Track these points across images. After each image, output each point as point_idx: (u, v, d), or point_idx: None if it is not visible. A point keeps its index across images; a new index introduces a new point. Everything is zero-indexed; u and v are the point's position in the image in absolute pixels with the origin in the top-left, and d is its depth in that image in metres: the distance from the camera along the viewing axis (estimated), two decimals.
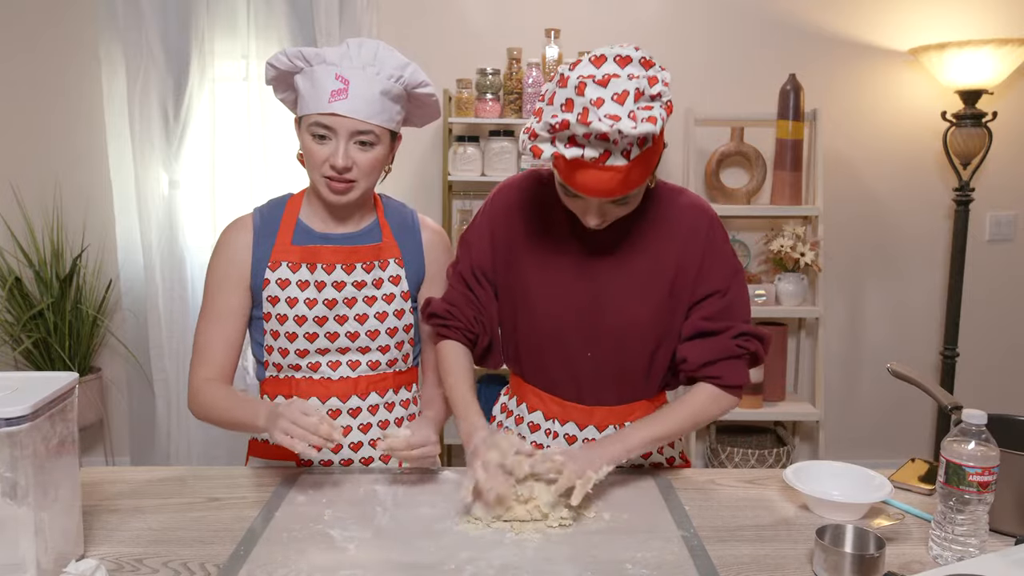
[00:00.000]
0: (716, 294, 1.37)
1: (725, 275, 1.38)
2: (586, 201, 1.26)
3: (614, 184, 1.19)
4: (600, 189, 1.20)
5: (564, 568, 1.09)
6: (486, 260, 1.45)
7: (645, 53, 1.20)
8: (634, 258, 1.37)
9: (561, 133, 1.17)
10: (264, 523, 1.23)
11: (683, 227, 1.37)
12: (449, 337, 1.46)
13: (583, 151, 1.16)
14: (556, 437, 1.46)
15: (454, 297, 1.46)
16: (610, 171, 1.18)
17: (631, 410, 1.45)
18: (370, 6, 3.11)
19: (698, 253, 1.37)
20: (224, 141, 3.20)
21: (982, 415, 1.11)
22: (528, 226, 1.42)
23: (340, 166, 1.37)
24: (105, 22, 3.09)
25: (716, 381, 1.37)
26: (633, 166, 1.18)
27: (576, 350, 1.41)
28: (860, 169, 3.32)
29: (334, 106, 1.35)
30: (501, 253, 1.44)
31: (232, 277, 1.48)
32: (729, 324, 1.37)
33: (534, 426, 1.49)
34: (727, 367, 1.36)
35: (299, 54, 1.40)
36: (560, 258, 1.39)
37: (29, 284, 3.22)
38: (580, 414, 1.45)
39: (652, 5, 3.22)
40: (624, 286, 1.37)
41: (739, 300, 1.39)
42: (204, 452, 3.30)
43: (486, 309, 1.46)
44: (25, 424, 0.98)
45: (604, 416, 1.45)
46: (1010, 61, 2.92)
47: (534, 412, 1.49)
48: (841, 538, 1.12)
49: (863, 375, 3.46)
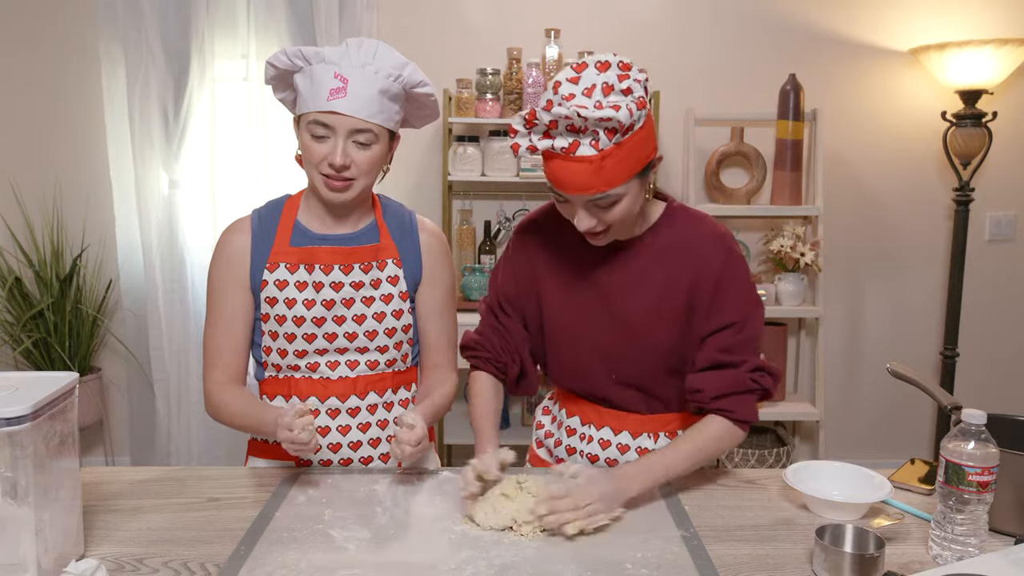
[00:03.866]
0: (734, 326, 1.35)
1: (743, 307, 1.36)
2: (572, 203, 1.27)
3: (586, 176, 1.20)
4: (574, 182, 1.21)
5: (564, 568, 1.10)
6: (510, 290, 1.49)
7: (626, 58, 1.22)
8: (649, 283, 1.37)
9: (536, 128, 1.22)
10: (264, 523, 1.23)
11: (698, 255, 1.36)
12: (479, 368, 1.51)
13: (553, 141, 1.20)
14: (591, 441, 1.47)
15: (483, 329, 1.52)
16: (581, 162, 1.19)
17: (666, 421, 1.46)
18: (370, 6, 3.11)
19: (712, 283, 1.35)
20: (224, 141, 3.20)
21: (981, 415, 1.11)
22: (547, 253, 1.45)
23: (338, 164, 1.37)
24: (105, 22, 3.09)
25: (729, 415, 1.35)
26: (606, 159, 1.19)
27: (599, 371, 1.43)
28: (860, 169, 3.32)
29: (333, 104, 1.35)
30: (524, 283, 1.48)
31: (232, 280, 1.48)
32: (745, 358, 1.35)
33: (571, 430, 1.51)
34: (740, 402, 1.35)
35: (299, 53, 1.40)
36: (579, 283, 1.42)
37: (29, 284, 3.22)
38: (614, 419, 1.46)
39: (652, 5, 3.22)
40: (641, 310, 1.38)
41: (755, 334, 1.37)
42: (204, 452, 3.30)
43: (513, 337, 1.49)
44: (25, 424, 0.98)
45: (637, 423, 1.45)
46: (1010, 61, 2.92)
47: (572, 417, 1.51)
48: (841, 538, 1.12)
49: (863, 375, 3.46)
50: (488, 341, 1.49)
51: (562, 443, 1.52)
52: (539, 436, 1.60)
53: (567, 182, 1.22)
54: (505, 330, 1.49)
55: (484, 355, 1.49)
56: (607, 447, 1.46)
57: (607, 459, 1.46)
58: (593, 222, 1.27)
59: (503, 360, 1.48)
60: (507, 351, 1.49)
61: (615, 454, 1.45)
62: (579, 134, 1.19)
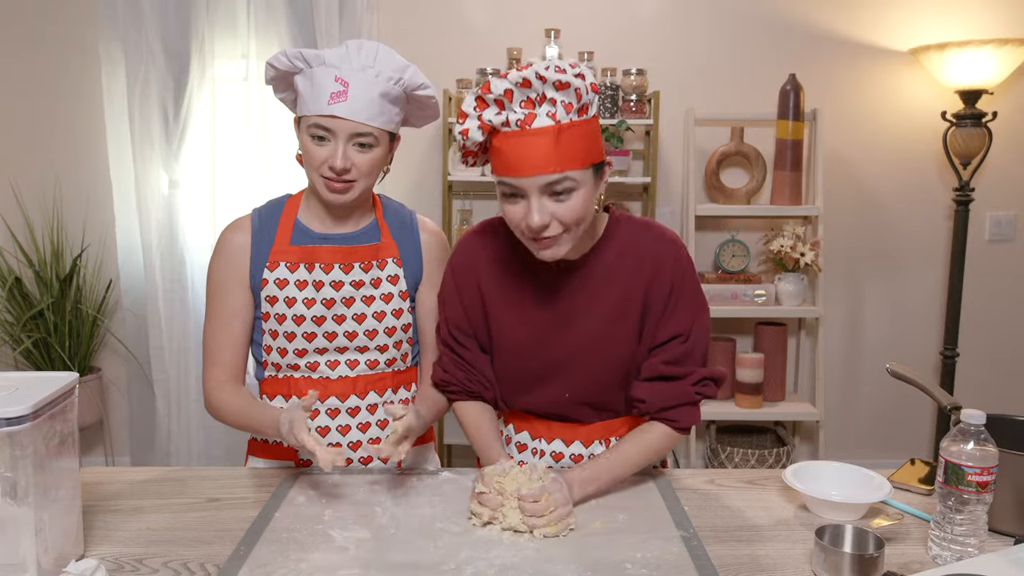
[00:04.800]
0: (678, 338, 1.35)
1: (689, 317, 1.35)
2: (525, 199, 1.21)
3: (543, 152, 1.16)
4: (530, 159, 1.17)
5: (564, 568, 1.10)
6: (460, 317, 1.44)
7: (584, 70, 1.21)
8: (605, 298, 1.36)
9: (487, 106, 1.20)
10: (264, 523, 1.23)
11: (651, 263, 1.35)
12: (458, 399, 1.49)
13: (507, 114, 1.19)
14: (543, 456, 1.46)
15: (446, 364, 1.47)
16: (538, 135, 1.17)
17: (617, 425, 1.46)
18: (370, 6, 3.11)
19: (666, 289, 1.34)
20: (224, 141, 3.20)
21: (981, 415, 1.11)
22: (492, 278, 1.41)
23: (339, 167, 1.37)
24: (105, 22, 3.09)
25: (672, 424, 1.37)
26: (562, 133, 1.17)
27: (551, 389, 1.42)
28: (860, 169, 3.32)
29: (334, 108, 1.35)
30: (472, 305, 1.43)
31: (232, 279, 1.48)
32: (690, 370, 1.36)
33: (521, 446, 1.49)
34: (684, 412, 1.36)
35: (299, 55, 1.40)
36: (533, 308, 1.39)
37: (29, 284, 3.22)
38: (565, 431, 1.46)
39: (652, 5, 3.22)
40: (598, 326, 1.37)
41: (700, 343, 1.37)
42: (204, 452, 3.30)
43: (476, 366, 1.45)
44: (25, 424, 0.98)
45: (588, 432, 1.45)
46: (1010, 61, 2.92)
47: (521, 433, 1.49)
48: (840, 538, 1.12)
49: (863, 375, 3.46)
50: (453, 377, 1.46)
51: (513, 459, 1.46)
52: None
53: (523, 161, 1.17)
54: (465, 362, 1.45)
55: (455, 389, 1.47)
56: (560, 459, 1.45)
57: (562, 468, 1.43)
58: (547, 217, 1.21)
59: (475, 390, 1.46)
60: (475, 381, 1.46)
61: (569, 464, 1.45)
62: (535, 105, 1.18)
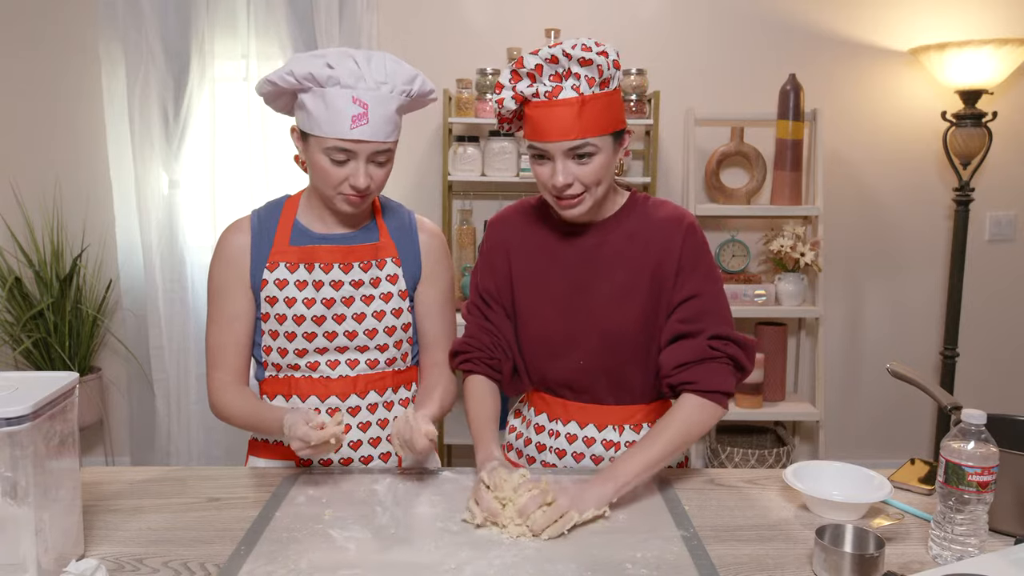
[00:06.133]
0: (692, 298, 1.38)
1: (700, 280, 1.39)
2: (552, 161, 1.33)
3: (568, 120, 1.29)
4: (556, 126, 1.29)
5: (564, 568, 1.10)
6: (490, 283, 1.51)
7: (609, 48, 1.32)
8: (615, 267, 1.41)
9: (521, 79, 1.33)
10: (264, 523, 1.23)
11: (660, 237, 1.40)
12: (473, 371, 1.51)
13: (536, 86, 1.32)
14: (558, 437, 1.49)
15: (471, 331, 1.52)
16: (563, 106, 1.29)
17: (631, 412, 1.47)
18: (370, 6, 3.11)
19: (674, 262, 1.39)
20: (224, 141, 3.20)
21: (981, 415, 1.11)
22: (518, 243, 1.49)
23: (363, 187, 1.38)
24: (105, 22, 3.09)
25: (693, 387, 1.35)
26: (585, 104, 1.29)
27: (568, 357, 1.45)
28: (860, 169, 3.32)
29: (356, 132, 1.35)
30: (500, 276, 1.50)
31: (233, 280, 1.48)
32: (703, 327, 1.37)
33: (539, 427, 1.52)
34: (703, 371, 1.35)
35: (310, 76, 1.35)
36: (549, 269, 1.45)
37: (29, 284, 3.21)
38: (580, 413, 1.47)
39: (652, 5, 3.22)
40: (608, 294, 1.41)
41: (715, 306, 1.39)
42: (204, 452, 3.30)
43: (502, 332, 1.50)
44: (25, 424, 0.98)
45: (603, 415, 1.47)
46: (1010, 61, 2.92)
47: (540, 415, 1.53)
48: (841, 538, 1.12)
49: (863, 375, 3.46)
50: (478, 341, 1.50)
51: (532, 441, 1.53)
52: (510, 439, 1.61)
53: (550, 128, 1.30)
54: (493, 326, 1.50)
55: (476, 355, 1.50)
56: (573, 441, 1.48)
57: (574, 453, 1.48)
58: (570, 178, 1.32)
59: (496, 357, 1.49)
60: (499, 347, 1.50)
61: (581, 447, 1.47)
62: (562, 79, 1.30)
